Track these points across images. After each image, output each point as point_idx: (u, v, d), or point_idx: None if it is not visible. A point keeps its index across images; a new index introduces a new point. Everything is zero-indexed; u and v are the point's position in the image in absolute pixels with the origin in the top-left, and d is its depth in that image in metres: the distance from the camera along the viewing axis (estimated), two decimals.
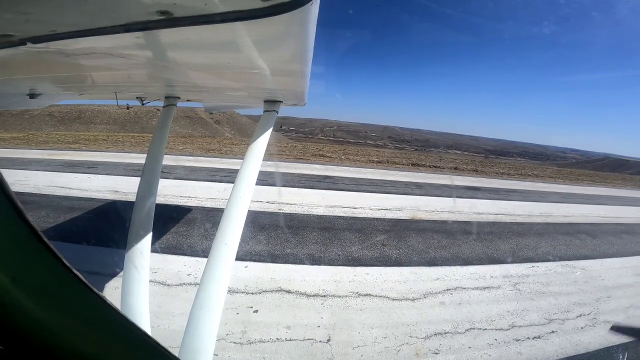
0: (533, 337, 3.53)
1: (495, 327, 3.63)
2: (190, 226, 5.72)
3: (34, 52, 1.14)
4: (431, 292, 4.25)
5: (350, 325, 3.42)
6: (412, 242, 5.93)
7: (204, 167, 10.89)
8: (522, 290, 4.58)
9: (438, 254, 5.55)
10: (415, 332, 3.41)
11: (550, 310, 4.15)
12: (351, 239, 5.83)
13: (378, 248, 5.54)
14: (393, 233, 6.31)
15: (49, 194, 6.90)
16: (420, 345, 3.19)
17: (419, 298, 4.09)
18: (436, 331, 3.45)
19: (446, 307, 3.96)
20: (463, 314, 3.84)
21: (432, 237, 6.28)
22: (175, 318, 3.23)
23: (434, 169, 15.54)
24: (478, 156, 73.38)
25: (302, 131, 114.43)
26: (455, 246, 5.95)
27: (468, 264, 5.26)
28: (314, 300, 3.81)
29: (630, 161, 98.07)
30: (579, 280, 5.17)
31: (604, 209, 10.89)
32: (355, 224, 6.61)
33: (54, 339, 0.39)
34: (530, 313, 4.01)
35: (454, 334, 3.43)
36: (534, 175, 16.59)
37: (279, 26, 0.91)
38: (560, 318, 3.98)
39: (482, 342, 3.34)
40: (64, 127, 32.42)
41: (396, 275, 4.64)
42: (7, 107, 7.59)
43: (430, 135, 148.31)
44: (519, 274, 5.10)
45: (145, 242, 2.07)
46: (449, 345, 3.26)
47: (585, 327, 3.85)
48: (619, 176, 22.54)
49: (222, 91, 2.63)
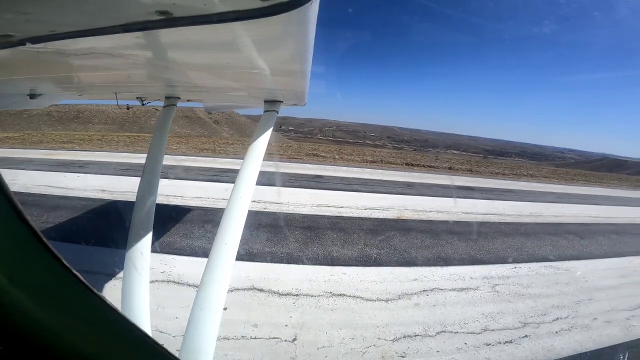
0: (505, 341, 3.43)
1: (467, 331, 3.53)
2: (172, 224, 5.69)
3: (34, 52, 1.14)
4: (407, 293, 4.18)
5: (318, 325, 3.39)
6: (394, 242, 5.89)
7: (195, 166, 10.88)
8: (501, 292, 4.47)
9: (420, 254, 5.50)
10: (385, 334, 3.35)
11: (526, 313, 4.04)
12: (333, 238, 5.79)
13: (359, 248, 5.49)
14: (376, 233, 6.27)
15: (38, 193, 6.89)
16: (388, 348, 3.14)
17: (393, 299, 4.04)
18: (406, 334, 3.38)
19: (420, 308, 3.89)
20: (436, 316, 3.76)
21: (416, 237, 6.23)
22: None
23: (428, 169, 15.48)
24: (476, 156, 73.32)
25: (302, 131, 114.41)
26: (439, 246, 5.91)
27: (449, 264, 5.20)
28: (286, 299, 3.77)
29: (629, 161, 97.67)
30: (561, 281, 5.05)
31: (596, 209, 10.84)
32: (339, 224, 6.57)
33: (53, 339, 0.39)
34: (505, 316, 3.91)
35: (423, 337, 3.35)
36: (529, 175, 16.51)
37: (279, 26, 0.91)
38: (535, 322, 3.86)
39: (452, 346, 3.25)
40: (62, 127, 32.49)
41: (373, 275, 4.60)
42: (8, 107, 7.54)
43: (429, 136, 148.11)
44: (499, 275, 5.00)
45: (145, 242, 2.07)
46: (417, 348, 3.18)
47: (561, 331, 3.73)
48: (615, 176, 22.42)
49: (222, 91, 2.65)
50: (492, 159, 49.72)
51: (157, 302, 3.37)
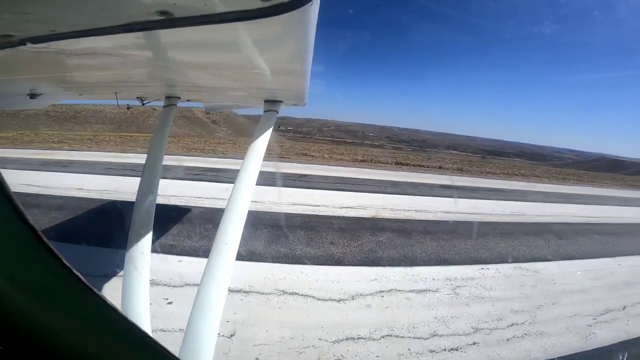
0: (450, 348, 3.25)
1: (414, 336, 3.38)
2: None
3: (34, 52, 1.15)
4: (362, 294, 4.08)
5: (261, 323, 3.31)
6: (363, 241, 5.79)
7: (177, 165, 10.86)
8: (460, 295, 4.30)
9: (386, 254, 5.40)
10: (327, 335, 3.25)
11: (481, 318, 3.84)
12: (300, 236, 5.72)
13: (325, 246, 5.40)
14: (346, 231, 6.16)
15: (18, 192, 6.91)
16: (326, 350, 3.06)
17: (346, 299, 3.95)
18: (350, 336, 3.26)
19: (371, 310, 3.76)
20: (386, 318, 3.63)
21: (387, 237, 6.11)
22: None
23: (417, 168, 15.38)
24: (474, 156, 72.84)
25: (300, 131, 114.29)
26: (408, 246, 5.79)
27: (414, 264, 5.07)
28: (234, 296, 3.70)
29: (627, 161, 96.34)
30: (527, 284, 4.83)
31: (582, 208, 10.65)
32: (310, 222, 6.48)
33: (53, 339, 0.39)
34: (458, 321, 3.73)
35: (367, 340, 3.23)
36: (521, 175, 16.34)
37: (279, 26, 0.92)
38: (488, 327, 3.66)
39: (393, 352, 3.11)
40: (59, 127, 32.62)
41: (332, 274, 4.51)
42: (8, 107, 7.60)
43: (428, 136, 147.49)
44: (464, 277, 4.81)
45: (145, 242, 2.08)
46: (357, 352, 3.06)
47: (512, 339, 3.51)
48: (609, 176, 22.15)
49: (222, 91, 2.66)
50: (490, 159, 49.40)
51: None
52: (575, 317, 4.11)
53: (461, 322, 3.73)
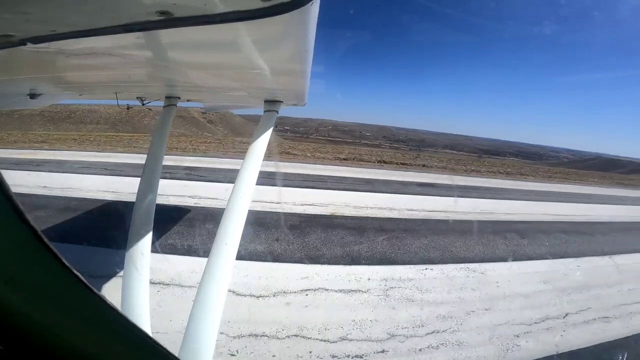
0: (355, 355, 3.04)
1: (322, 338, 3.22)
2: (110, 218, 5.67)
3: (34, 52, 1.16)
4: (285, 291, 3.95)
5: (169, 315, 3.22)
6: (310, 238, 5.66)
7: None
8: (390, 297, 4.07)
9: (329, 251, 5.26)
10: (232, 330, 3.14)
11: (402, 323, 3.59)
12: (246, 233, 5.62)
13: (267, 243, 5.32)
14: (297, 228, 6.05)
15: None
16: (224, 343, 3.00)
17: (266, 296, 3.85)
18: (254, 332, 3.15)
19: (289, 308, 3.62)
20: (301, 318, 3.47)
21: (338, 234, 5.98)
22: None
23: (399, 167, 15.23)
24: (471, 155, 72.27)
25: (297, 131, 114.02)
26: (356, 244, 5.66)
27: (354, 263, 4.94)
28: (153, 288, 3.63)
29: (622, 160, 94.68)
30: (468, 286, 4.54)
31: (558, 207, 10.31)
32: (263, 219, 6.33)
33: (53, 339, 0.39)
34: (376, 325, 3.50)
35: (270, 338, 3.11)
36: (506, 173, 16.07)
37: (279, 26, 0.93)
38: (405, 334, 3.42)
39: (293, 353, 2.99)
40: (53, 127, 32.81)
41: (265, 270, 4.39)
42: (8, 107, 7.58)
43: (426, 135, 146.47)
44: (402, 277, 4.57)
45: (145, 242, 2.09)
46: (254, 349, 2.96)
47: (425, 349, 3.27)
48: (599, 174, 21.77)
49: (222, 91, 2.67)
50: (485, 158, 48.94)
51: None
52: (504, 326, 3.79)
53: (378, 327, 3.51)
